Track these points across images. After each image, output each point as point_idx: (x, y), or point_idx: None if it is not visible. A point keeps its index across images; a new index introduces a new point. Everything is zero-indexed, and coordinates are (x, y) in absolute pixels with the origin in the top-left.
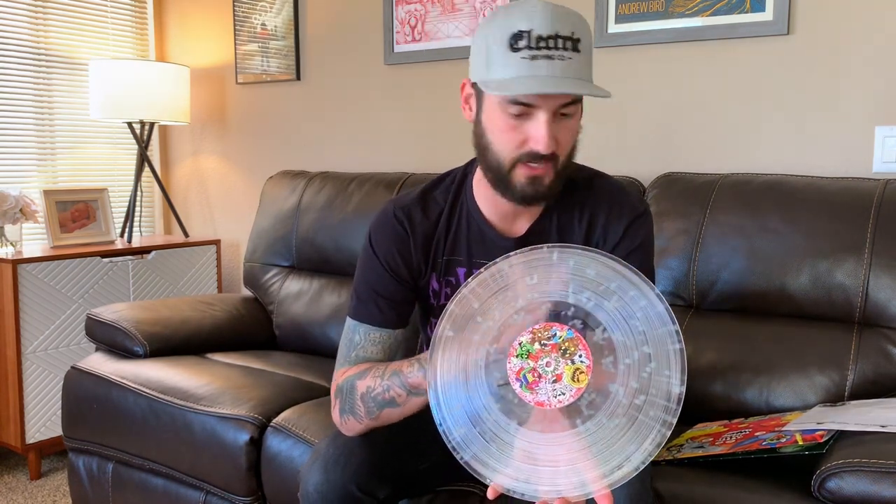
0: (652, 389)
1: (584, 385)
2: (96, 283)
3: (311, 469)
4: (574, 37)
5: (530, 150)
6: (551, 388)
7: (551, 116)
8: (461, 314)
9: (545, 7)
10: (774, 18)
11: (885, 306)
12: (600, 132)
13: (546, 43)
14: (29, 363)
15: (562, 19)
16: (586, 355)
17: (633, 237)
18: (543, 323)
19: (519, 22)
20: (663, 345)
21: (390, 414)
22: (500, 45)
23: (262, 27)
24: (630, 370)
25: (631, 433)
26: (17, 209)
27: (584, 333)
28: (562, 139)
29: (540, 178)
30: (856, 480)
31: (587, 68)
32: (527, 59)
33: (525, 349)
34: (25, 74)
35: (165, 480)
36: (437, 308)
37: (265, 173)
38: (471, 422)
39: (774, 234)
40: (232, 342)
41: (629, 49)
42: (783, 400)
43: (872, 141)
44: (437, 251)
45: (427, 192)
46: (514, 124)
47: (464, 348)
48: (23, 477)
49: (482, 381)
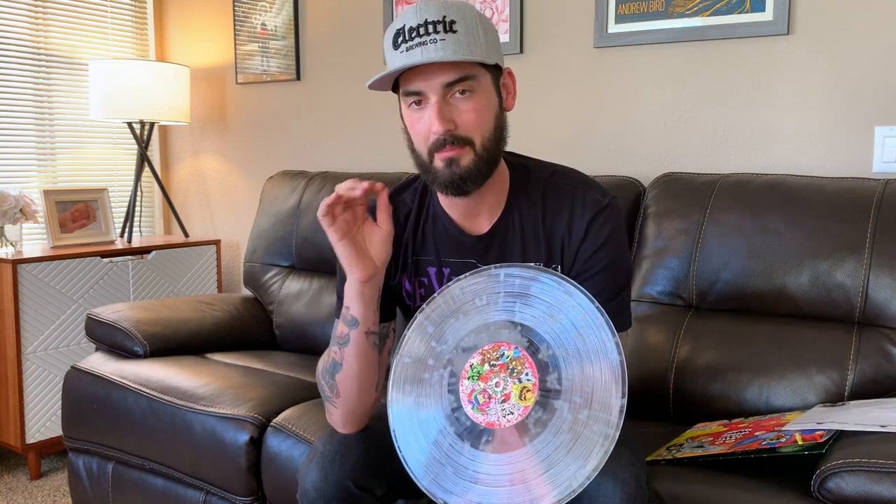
0: (595, 404)
1: (530, 403)
2: (96, 283)
3: (308, 467)
4: (446, 20)
5: (434, 139)
6: (500, 408)
7: (441, 98)
8: (417, 340)
9: (417, 4)
10: (774, 18)
11: (885, 306)
12: (601, 132)
13: (417, 31)
14: (29, 363)
15: (432, 8)
16: (532, 373)
17: (597, 234)
18: (493, 343)
19: (397, 23)
20: (605, 358)
21: (343, 379)
22: (389, 49)
23: (262, 27)
24: (573, 385)
25: (576, 449)
26: (17, 209)
27: (530, 352)
28: (462, 119)
29: (455, 161)
30: (856, 480)
31: (468, 46)
32: (403, 53)
33: (476, 371)
34: (25, 74)
35: (165, 480)
36: (414, 310)
37: (265, 173)
38: (430, 447)
39: (774, 234)
40: (232, 342)
41: (629, 49)
42: (783, 400)
43: (872, 141)
44: (407, 252)
45: (396, 194)
46: (417, 116)
47: (419, 374)
48: (23, 477)
49: (438, 405)
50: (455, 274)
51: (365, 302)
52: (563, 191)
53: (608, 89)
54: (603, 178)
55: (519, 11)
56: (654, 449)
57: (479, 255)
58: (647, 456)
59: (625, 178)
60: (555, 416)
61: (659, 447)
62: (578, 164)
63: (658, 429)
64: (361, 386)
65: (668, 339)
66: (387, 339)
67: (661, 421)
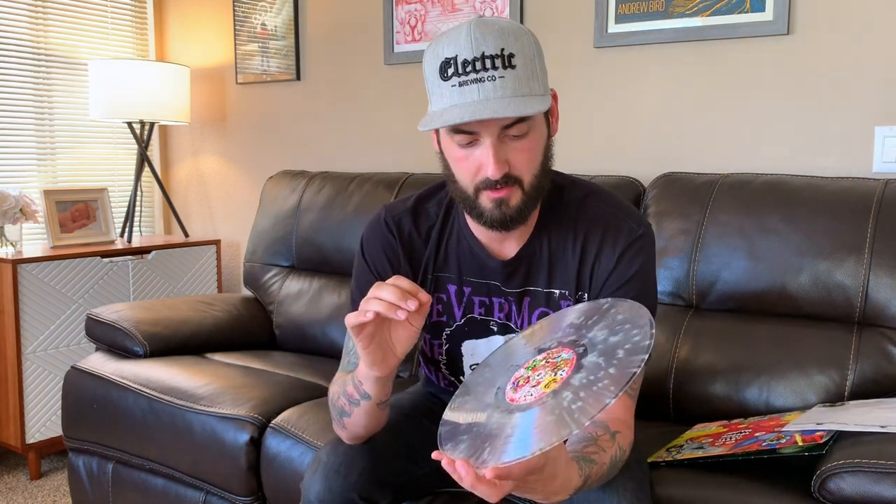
0: (590, 399)
1: (549, 390)
2: (96, 283)
3: (312, 478)
4: (504, 53)
5: (484, 178)
6: (527, 391)
7: (497, 140)
8: (520, 340)
9: (469, 29)
10: (774, 18)
11: (885, 306)
12: (601, 132)
13: (473, 66)
14: (29, 363)
15: (488, 38)
16: (567, 372)
17: (628, 265)
18: (560, 346)
19: (445, 49)
20: (626, 367)
21: (352, 424)
22: (434, 76)
23: (262, 27)
24: (587, 385)
25: (551, 428)
26: (17, 209)
27: (580, 356)
28: (516, 161)
29: (505, 201)
30: (856, 481)
31: (527, 82)
32: (456, 87)
33: (534, 364)
34: (25, 74)
35: (165, 480)
36: (430, 324)
37: (265, 173)
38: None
39: (774, 234)
40: (232, 342)
41: (629, 49)
42: (783, 400)
43: (872, 141)
44: (427, 267)
45: (421, 202)
46: (465, 153)
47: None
48: (23, 477)
49: (497, 379)
50: (476, 294)
51: (380, 385)
52: (597, 216)
53: (608, 89)
54: (603, 178)
55: (519, 11)
56: (654, 450)
57: (504, 280)
58: (647, 457)
59: (625, 178)
60: (556, 398)
61: (659, 448)
62: (578, 163)
63: (658, 429)
64: (370, 427)
65: (668, 339)
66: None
67: (660, 421)
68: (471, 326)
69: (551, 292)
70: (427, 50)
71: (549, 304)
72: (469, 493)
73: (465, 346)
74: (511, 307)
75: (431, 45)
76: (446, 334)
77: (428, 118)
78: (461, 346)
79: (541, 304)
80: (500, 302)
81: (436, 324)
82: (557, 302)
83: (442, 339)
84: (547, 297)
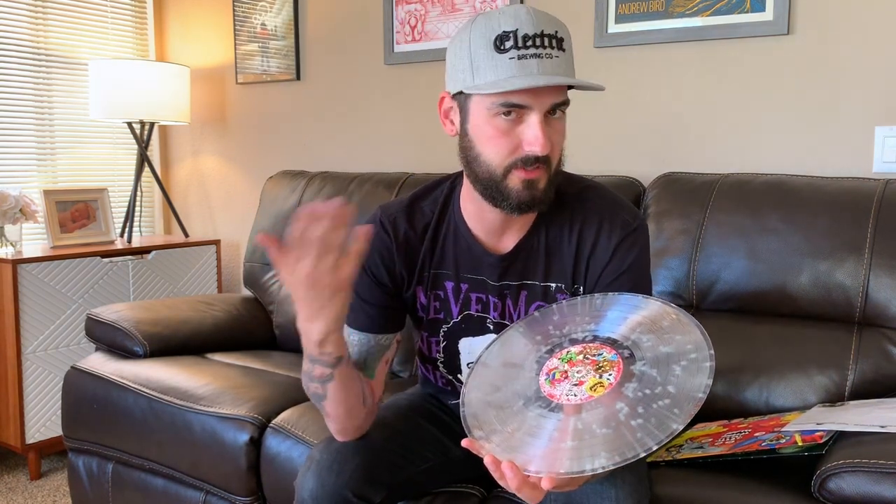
0: (652, 419)
1: (597, 396)
2: (96, 283)
3: (305, 476)
4: (558, 35)
5: (525, 155)
6: (568, 388)
7: (544, 117)
8: (542, 317)
9: (528, 8)
10: (774, 18)
11: (885, 306)
12: (600, 132)
13: (533, 41)
14: (29, 363)
15: (545, 19)
16: (615, 377)
17: (623, 258)
18: (599, 343)
19: (503, 23)
20: (689, 393)
21: (330, 405)
22: (485, 50)
23: (262, 27)
24: (643, 399)
25: (608, 444)
26: (17, 209)
27: (627, 361)
28: (555, 141)
29: (535, 182)
30: (856, 481)
31: (573, 69)
32: (515, 59)
33: (569, 356)
34: (25, 74)
35: (165, 480)
36: (427, 322)
37: (265, 173)
38: (490, 390)
39: (774, 234)
40: (232, 342)
41: (629, 49)
42: (783, 400)
43: (872, 141)
44: (424, 265)
45: (416, 201)
46: (505, 129)
47: (523, 341)
48: (23, 477)
49: (523, 362)
50: (473, 290)
51: (331, 343)
52: (593, 210)
53: (608, 89)
54: (603, 177)
55: None
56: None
57: (501, 274)
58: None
59: (625, 178)
60: (611, 411)
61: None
62: (578, 164)
63: None
64: (351, 401)
65: None
66: (387, 350)
67: None
68: (467, 324)
69: (548, 286)
70: (469, 29)
71: (546, 297)
72: (469, 494)
73: (461, 344)
74: (506, 304)
75: (477, 22)
76: (443, 332)
77: (486, 86)
78: (458, 344)
79: (538, 297)
80: (495, 301)
81: (433, 321)
82: (554, 295)
83: (439, 336)
84: (544, 291)
